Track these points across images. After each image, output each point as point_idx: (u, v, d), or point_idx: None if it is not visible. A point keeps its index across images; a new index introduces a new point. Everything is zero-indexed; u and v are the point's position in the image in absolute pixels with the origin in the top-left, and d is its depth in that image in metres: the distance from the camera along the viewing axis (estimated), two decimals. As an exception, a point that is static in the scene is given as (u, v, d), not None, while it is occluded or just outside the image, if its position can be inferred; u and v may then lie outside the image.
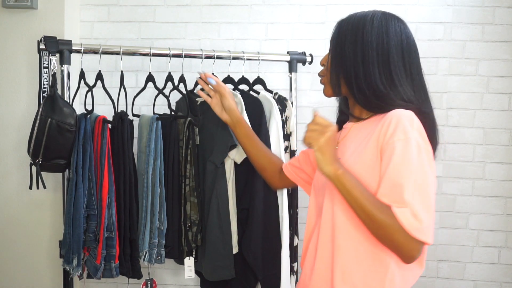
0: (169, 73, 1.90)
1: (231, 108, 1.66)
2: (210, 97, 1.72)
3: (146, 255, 1.80)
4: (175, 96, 1.97)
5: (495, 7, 2.30)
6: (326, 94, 1.34)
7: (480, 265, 2.36)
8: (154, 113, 1.89)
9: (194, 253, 1.86)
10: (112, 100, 1.81)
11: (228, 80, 1.99)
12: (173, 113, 1.89)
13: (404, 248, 1.06)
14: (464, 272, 2.37)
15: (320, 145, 1.16)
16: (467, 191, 2.35)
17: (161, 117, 1.83)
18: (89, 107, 1.80)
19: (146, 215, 1.80)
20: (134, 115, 1.90)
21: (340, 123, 1.39)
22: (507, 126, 2.33)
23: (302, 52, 2.10)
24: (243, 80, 2.00)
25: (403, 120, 1.10)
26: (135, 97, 1.90)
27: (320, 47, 2.33)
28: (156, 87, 1.88)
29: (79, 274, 1.77)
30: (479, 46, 2.32)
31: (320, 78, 1.37)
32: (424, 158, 1.08)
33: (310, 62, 2.11)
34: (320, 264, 1.23)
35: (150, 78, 1.88)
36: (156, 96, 1.91)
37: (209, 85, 1.73)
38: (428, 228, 1.05)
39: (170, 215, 1.83)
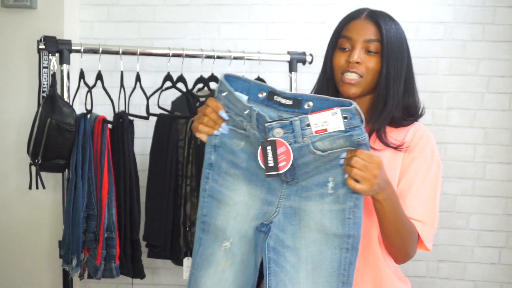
0: (168, 72, 1.90)
1: None
2: None
3: None
4: (171, 96, 1.96)
5: (496, 7, 2.29)
6: (354, 96, 1.16)
7: (481, 265, 2.36)
8: (148, 113, 1.89)
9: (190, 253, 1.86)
10: (112, 100, 1.81)
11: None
12: (168, 113, 1.89)
13: (412, 254, 1.15)
14: (465, 272, 2.36)
15: (377, 183, 0.97)
16: (468, 191, 2.34)
17: (161, 117, 1.83)
18: (89, 107, 1.80)
19: None
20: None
21: None
22: (507, 126, 2.32)
23: (302, 52, 2.10)
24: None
25: (431, 137, 1.18)
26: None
27: (320, 47, 2.31)
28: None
29: (79, 274, 1.77)
30: (479, 46, 2.31)
31: (352, 74, 1.15)
32: (440, 175, 1.17)
33: (310, 62, 2.10)
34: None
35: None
36: (150, 95, 1.92)
37: None
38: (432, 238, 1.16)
39: (163, 216, 1.82)
